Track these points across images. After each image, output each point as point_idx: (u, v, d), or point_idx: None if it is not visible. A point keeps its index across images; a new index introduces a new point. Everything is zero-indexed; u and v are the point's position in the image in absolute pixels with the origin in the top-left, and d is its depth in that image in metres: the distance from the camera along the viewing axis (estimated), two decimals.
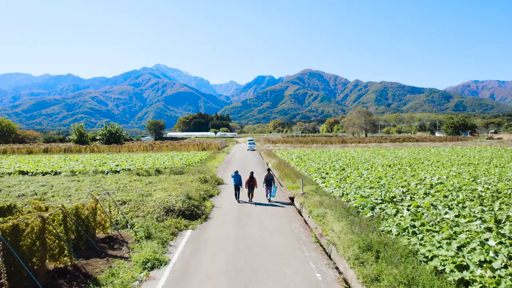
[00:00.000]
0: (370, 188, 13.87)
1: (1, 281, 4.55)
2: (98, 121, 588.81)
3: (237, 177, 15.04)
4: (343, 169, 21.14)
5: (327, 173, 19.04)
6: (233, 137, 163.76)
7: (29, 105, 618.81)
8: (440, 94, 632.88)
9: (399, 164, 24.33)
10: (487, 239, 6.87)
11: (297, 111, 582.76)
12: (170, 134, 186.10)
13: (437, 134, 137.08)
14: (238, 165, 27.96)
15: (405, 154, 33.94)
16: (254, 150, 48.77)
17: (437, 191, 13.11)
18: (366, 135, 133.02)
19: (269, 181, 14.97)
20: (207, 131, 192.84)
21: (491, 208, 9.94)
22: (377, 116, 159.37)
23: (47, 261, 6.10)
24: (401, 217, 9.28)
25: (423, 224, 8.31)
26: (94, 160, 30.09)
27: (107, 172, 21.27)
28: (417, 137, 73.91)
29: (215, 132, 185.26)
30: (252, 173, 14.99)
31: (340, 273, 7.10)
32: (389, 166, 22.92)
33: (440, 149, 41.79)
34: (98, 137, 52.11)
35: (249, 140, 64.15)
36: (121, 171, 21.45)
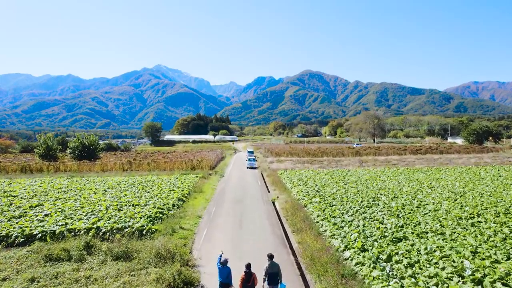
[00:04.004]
0: None
1: None
2: (98, 122, 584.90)
3: (224, 272, 8.73)
4: (404, 237, 12.70)
5: (389, 258, 10.56)
6: (233, 141, 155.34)
7: (29, 105, 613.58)
8: (440, 95, 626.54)
9: (477, 212, 15.97)
10: None
11: (298, 112, 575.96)
12: (167, 137, 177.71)
13: (449, 140, 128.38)
14: (232, 207, 19.52)
15: (455, 183, 25.51)
16: (254, 167, 40.25)
17: None
18: (374, 141, 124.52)
19: (273, 276, 8.52)
20: (206, 134, 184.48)
21: None
22: (384, 119, 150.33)
23: None
24: None
25: None
26: (34, 195, 21.71)
27: (15, 238, 12.90)
28: (440, 147, 65.39)
29: (214, 135, 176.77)
30: (248, 266, 8.44)
31: None
32: (471, 223, 14.44)
33: (491, 169, 33.13)
34: (68, 151, 43.57)
35: (248, 153, 55.66)
36: (39, 235, 13.09)
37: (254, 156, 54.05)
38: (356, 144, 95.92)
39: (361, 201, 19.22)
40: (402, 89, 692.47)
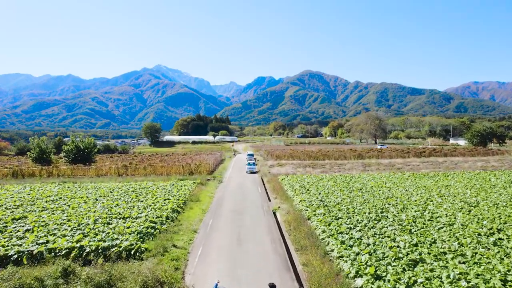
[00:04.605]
0: None
1: None
2: (98, 122, 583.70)
3: None
4: (421, 259, 11.40)
5: None
6: (232, 141, 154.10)
7: (29, 105, 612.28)
8: (441, 95, 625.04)
9: (497, 227, 14.66)
10: None
11: (298, 112, 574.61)
12: (167, 137, 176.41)
13: (451, 141, 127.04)
14: (230, 219, 18.24)
15: (466, 190, 24.22)
16: (254, 172, 38.92)
17: None
18: (376, 142, 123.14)
19: None
20: (206, 135, 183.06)
21: None
22: (385, 120, 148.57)
23: None
24: None
25: None
26: (21, 204, 20.43)
27: None
28: (444, 150, 64.04)
29: (214, 136, 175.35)
30: None
31: None
32: (493, 242, 13.11)
33: (501, 175, 31.74)
34: (63, 154, 42.27)
35: (248, 156, 54.34)
36: (15, 256, 11.80)
37: (254, 159, 52.80)
38: (381, 145, 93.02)
39: (369, 213, 17.94)
40: (402, 89, 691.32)
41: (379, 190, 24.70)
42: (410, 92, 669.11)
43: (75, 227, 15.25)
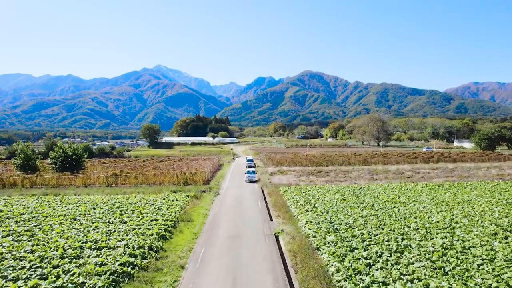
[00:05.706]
0: None
1: None
2: (98, 122, 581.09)
3: None
4: None
5: None
6: (232, 143, 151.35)
7: (29, 105, 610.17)
8: (441, 96, 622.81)
9: None
10: None
11: (298, 113, 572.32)
12: (166, 139, 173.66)
13: (455, 143, 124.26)
14: (226, 247, 15.54)
15: (493, 207, 21.56)
16: (254, 181, 36.17)
17: None
18: (379, 144, 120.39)
19: None
20: (205, 136, 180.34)
21: None
22: (388, 121, 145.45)
23: None
24: None
25: None
26: None
27: None
28: (452, 154, 61.32)
29: (213, 137, 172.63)
30: None
31: None
32: None
33: None
34: (49, 161, 39.60)
35: (247, 162, 51.69)
36: None
37: (254, 165, 50.37)
38: (426, 148, 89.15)
39: (387, 240, 15.29)
40: (402, 89, 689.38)
41: (394, 207, 22.04)
42: (410, 93, 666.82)
43: (36, 264, 12.58)
